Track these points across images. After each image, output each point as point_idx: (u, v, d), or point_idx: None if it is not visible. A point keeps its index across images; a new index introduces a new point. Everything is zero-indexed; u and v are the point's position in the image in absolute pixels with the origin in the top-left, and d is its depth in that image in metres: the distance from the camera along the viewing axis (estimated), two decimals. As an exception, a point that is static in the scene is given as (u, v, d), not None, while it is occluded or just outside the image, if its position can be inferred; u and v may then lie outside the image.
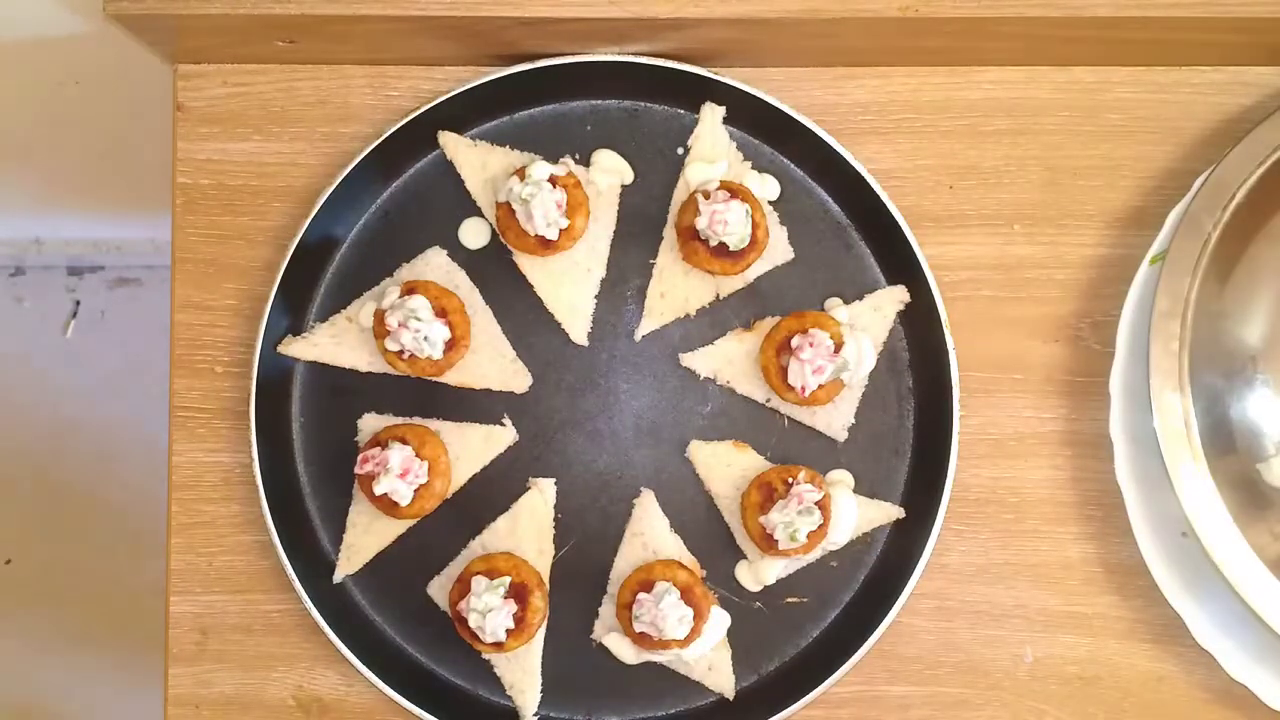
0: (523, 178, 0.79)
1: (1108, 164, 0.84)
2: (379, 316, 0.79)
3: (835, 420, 0.82)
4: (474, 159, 0.83)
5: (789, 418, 0.82)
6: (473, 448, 0.82)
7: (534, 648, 0.81)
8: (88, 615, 1.53)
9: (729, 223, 0.78)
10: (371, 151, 0.81)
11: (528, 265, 0.82)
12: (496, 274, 0.83)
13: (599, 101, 0.83)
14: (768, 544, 0.78)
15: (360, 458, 0.79)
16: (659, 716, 0.82)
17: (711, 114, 0.83)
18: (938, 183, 0.84)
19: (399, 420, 0.82)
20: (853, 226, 0.83)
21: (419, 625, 0.82)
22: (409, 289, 0.79)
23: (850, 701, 0.82)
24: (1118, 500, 0.79)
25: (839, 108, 0.84)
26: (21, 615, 1.55)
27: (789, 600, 0.82)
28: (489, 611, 0.77)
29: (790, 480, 0.78)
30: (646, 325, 0.83)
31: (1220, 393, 0.80)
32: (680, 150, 0.83)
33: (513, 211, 0.80)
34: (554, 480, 0.82)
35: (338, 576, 0.82)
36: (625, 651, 0.81)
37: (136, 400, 1.52)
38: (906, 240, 0.81)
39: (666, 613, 0.77)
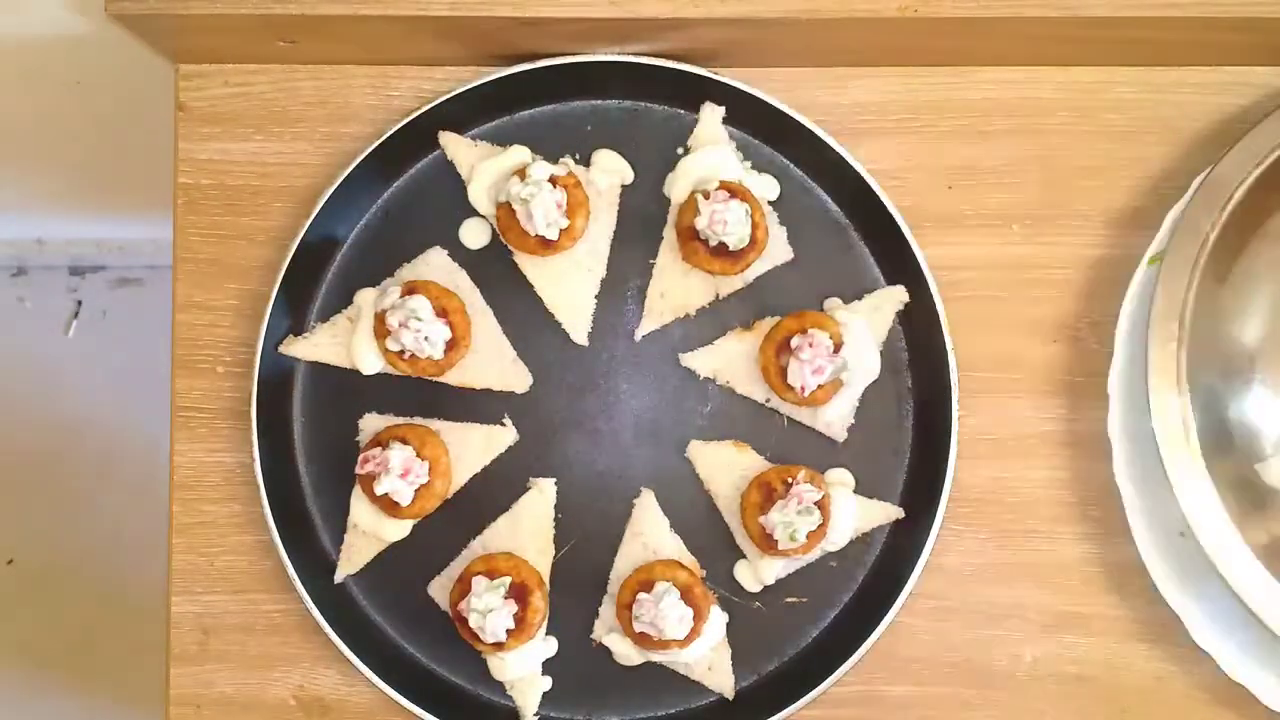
0: (523, 178, 0.79)
1: (1107, 164, 0.84)
2: (379, 317, 0.79)
3: (835, 420, 0.82)
4: (474, 159, 0.83)
5: (788, 418, 0.83)
6: (473, 448, 0.82)
7: (534, 647, 0.81)
8: (88, 615, 1.54)
9: (729, 223, 0.78)
10: (372, 151, 0.81)
11: (528, 265, 0.82)
12: (497, 274, 0.83)
13: (599, 101, 0.84)
14: (767, 544, 0.78)
15: (361, 458, 0.79)
16: (659, 716, 0.82)
17: (711, 114, 0.83)
18: (937, 183, 0.84)
19: (400, 420, 0.82)
20: (852, 226, 0.83)
21: (419, 625, 0.82)
22: (410, 289, 0.79)
23: (850, 701, 0.82)
24: (1116, 500, 0.79)
25: (839, 108, 0.84)
26: (21, 615, 1.55)
27: (789, 600, 0.82)
28: (489, 611, 0.77)
29: (790, 480, 0.78)
30: (646, 325, 0.83)
31: (1218, 393, 0.80)
32: (680, 150, 0.83)
33: (513, 211, 0.80)
34: (554, 480, 0.82)
35: (338, 576, 0.82)
36: (625, 651, 0.81)
37: (138, 400, 1.52)
38: (906, 240, 0.81)
39: (666, 613, 0.77)
